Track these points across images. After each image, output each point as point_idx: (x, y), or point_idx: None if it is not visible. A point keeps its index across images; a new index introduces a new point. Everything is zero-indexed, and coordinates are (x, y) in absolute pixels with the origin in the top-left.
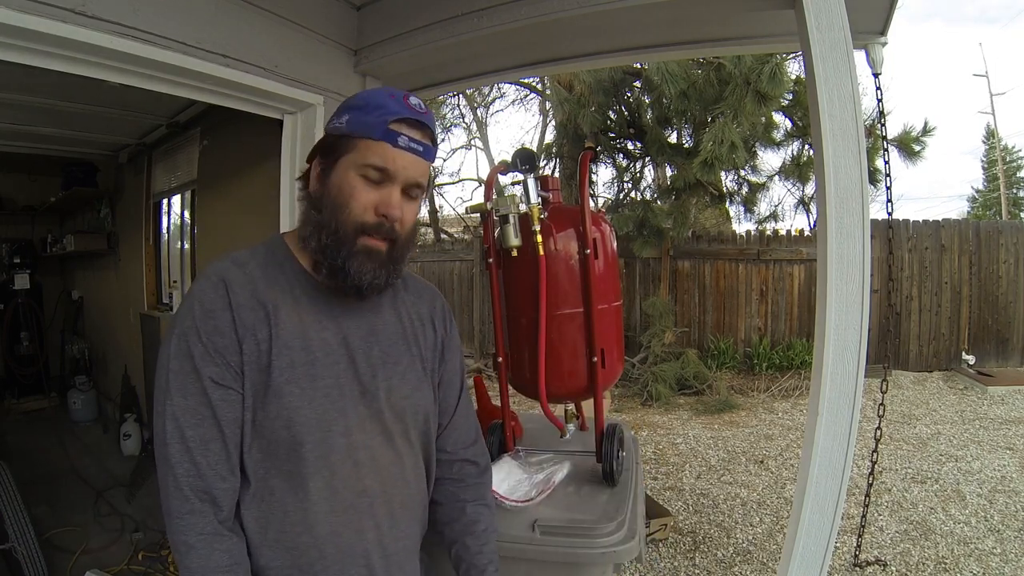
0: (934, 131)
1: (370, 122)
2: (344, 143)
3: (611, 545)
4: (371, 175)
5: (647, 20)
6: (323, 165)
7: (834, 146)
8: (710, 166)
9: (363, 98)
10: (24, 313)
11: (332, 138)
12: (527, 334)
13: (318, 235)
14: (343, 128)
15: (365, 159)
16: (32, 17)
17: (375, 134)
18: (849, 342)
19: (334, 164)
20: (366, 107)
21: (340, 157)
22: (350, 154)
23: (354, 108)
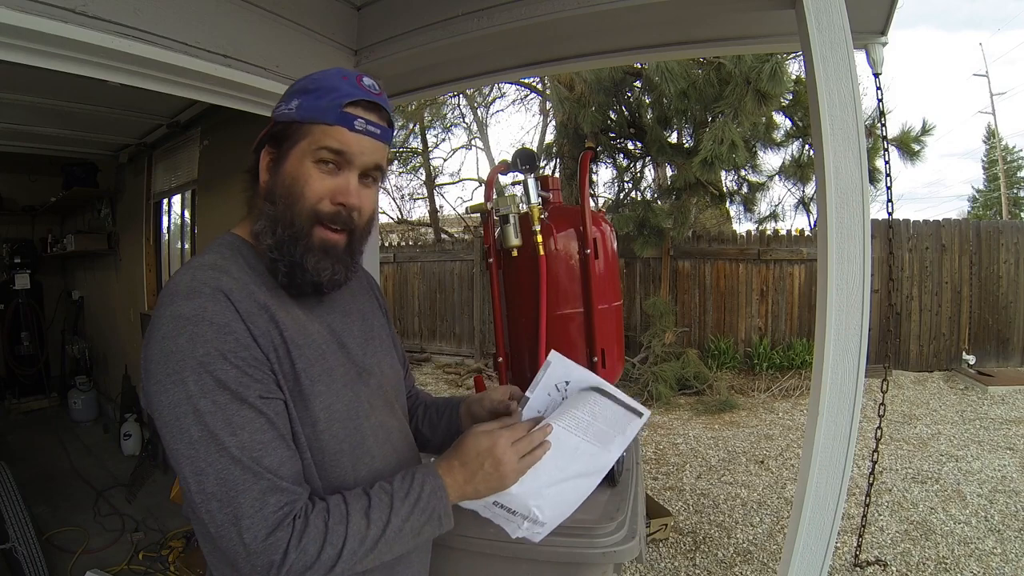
0: (933, 130)
1: (323, 106)
2: (296, 130)
3: (611, 545)
4: (326, 157)
5: (647, 20)
6: (273, 155)
7: (834, 146)
8: (710, 165)
9: (313, 81)
10: (25, 313)
11: (282, 125)
12: (527, 334)
13: (272, 230)
14: (293, 114)
15: (320, 143)
16: (32, 17)
17: (329, 118)
18: (849, 342)
19: (287, 153)
20: (317, 91)
21: (293, 145)
22: (303, 141)
23: (304, 92)
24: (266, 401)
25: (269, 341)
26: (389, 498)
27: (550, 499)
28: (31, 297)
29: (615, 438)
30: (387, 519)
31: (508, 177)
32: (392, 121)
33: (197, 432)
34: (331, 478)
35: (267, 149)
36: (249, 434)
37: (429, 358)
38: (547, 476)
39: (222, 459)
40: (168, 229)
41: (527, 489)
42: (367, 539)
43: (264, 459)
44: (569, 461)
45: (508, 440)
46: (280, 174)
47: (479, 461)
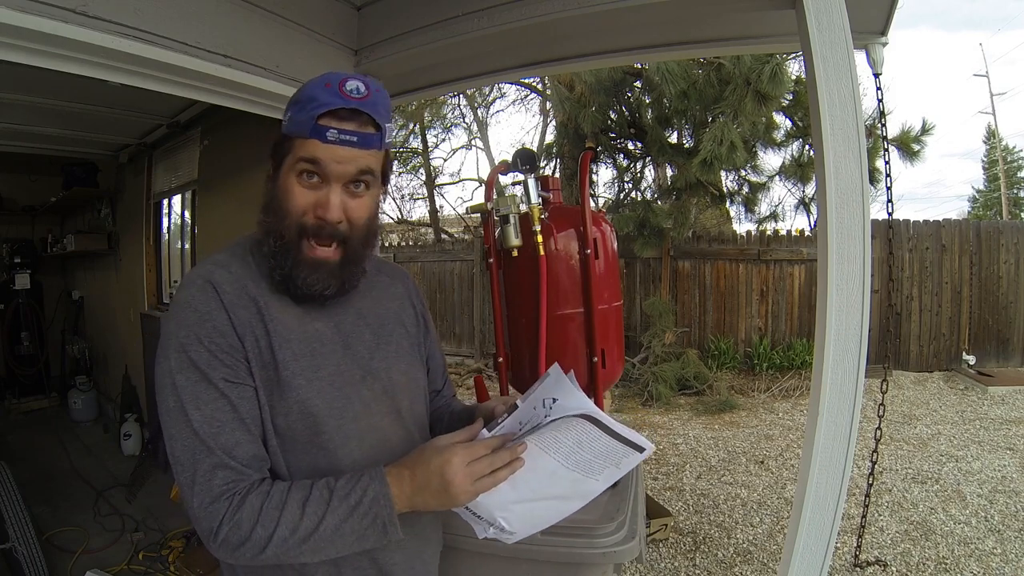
0: (933, 129)
1: (302, 120)
2: (285, 144)
3: (611, 545)
4: (306, 169)
5: (647, 20)
6: (272, 167)
7: (834, 146)
8: (709, 165)
9: (301, 91)
10: (25, 313)
11: (279, 137)
12: (527, 334)
13: (268, 241)
14: (285, 127)
15: (297, 156)
16: (32, 17)
17: (305, 131)
18: (849, 342)
19: (279, 167)
20: (300, 102)
21: (282, 160)
22: (288, 156)
23: (293, 103)
24: (231, 385)
25: (250, 331)
26: (329, 494)
27: (518, 514)
28: (31, 297)
29: (605, 469)
30: (322, 515)
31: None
32: (379, 124)
33: (172, 402)
34: (302, 468)
35: (271, 161)
36: (211, 412)
37: None
38: (516, 494)
39: (187, 430)
40: (168, 229)
41: (492, 501)
42: (299, 530)
43: (219, 436)
44: (544, 484)
45: (462, 461)
46: (274, 187)
47: (427, 477)
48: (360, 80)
